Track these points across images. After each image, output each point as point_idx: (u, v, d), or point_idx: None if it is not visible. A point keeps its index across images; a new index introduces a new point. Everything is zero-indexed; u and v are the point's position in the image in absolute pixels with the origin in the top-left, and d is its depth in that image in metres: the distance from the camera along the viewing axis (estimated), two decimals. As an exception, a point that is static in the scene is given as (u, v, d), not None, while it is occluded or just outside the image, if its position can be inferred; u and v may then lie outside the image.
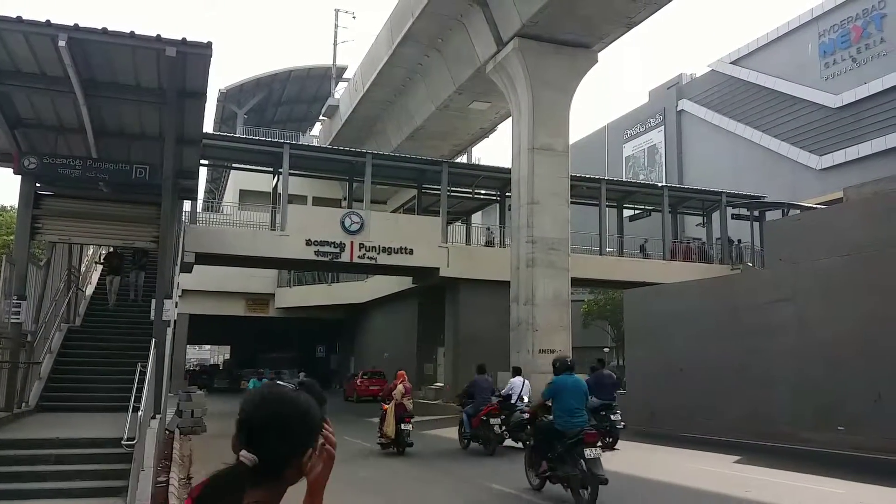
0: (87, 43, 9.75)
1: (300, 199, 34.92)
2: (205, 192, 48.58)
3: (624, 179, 43.64)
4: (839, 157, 36.84)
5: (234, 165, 31.27)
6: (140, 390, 9.38)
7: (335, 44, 42.99)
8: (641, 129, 53.73)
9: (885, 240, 12.68)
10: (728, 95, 45.55)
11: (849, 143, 36.47)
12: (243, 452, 1.37)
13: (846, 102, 36.74)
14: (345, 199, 34.22)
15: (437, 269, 26.20)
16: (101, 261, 17.59)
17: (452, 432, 15.40)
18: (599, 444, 8.65)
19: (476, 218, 37.27)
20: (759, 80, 42.66)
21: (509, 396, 14.07)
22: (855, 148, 35.99)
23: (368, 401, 28.00)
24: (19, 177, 11.85)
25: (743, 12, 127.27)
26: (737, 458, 12.61)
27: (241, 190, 40.23)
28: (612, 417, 13.89)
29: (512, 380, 14.64)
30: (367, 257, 25.13)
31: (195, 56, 10.18)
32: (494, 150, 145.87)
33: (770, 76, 41.91)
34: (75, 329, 14.55)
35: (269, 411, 1.42)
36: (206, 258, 24.46)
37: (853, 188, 19.98)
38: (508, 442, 13.81)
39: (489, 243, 30.16)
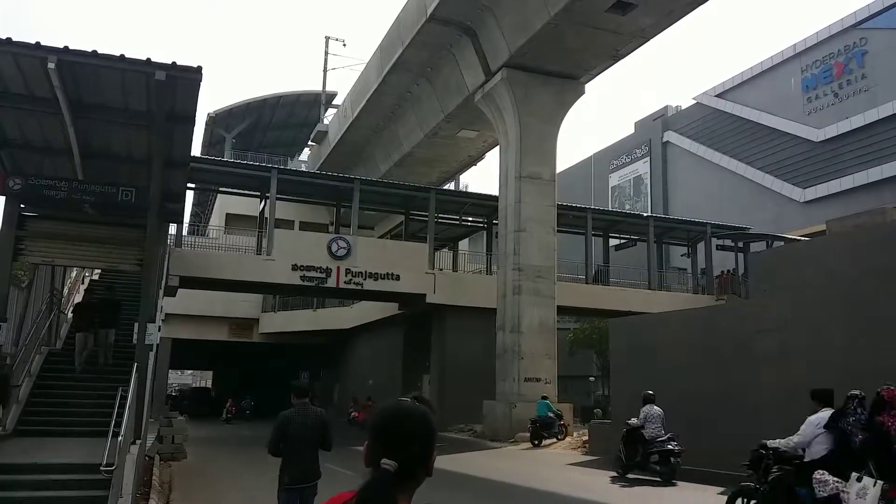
0: (77, 65, 9.76)
1: (287, 224, 34.83)
2: (191, 215, 48.42)
3: (610, 209, 43.92)
4: (822, 189, 37.31)
5: (221, 189, 31.23)
6: (120, 415, 9.25)
7: (325, 70, 43.35)
8: (627, 160, 54.23)
9: (867, 272, 12.80)
10: (713, 127, 46.13)
11: (831, 177, 36.96)
12: (384, 460, 1.58)
13: (828, 136, 37.30)
14: (332, 224, 34.19)
15: (424, 295, 26.14)
16: (72, 312, 15.13)
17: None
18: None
19: (463, 245, 37.32)
20: (744, 112, 43.27)
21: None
22: (837, 181, 36.48)
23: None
24: (3, 197, 11.77)
25: (728, 47, 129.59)
26: (720, 489, 12.54)
27: (227, 214, 40.09)
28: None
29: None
30: (354, 283, 25.05)
31: (185, 80, 10.20)
32: (482, 178, 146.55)
33: (754, 109, 42.53)
34: (56, 352, 14.34)
35: (405, 423, 1.66)
36: (190, 282, 24.29)
37: (836, 221, 20.20)
38: None
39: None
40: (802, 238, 28.91)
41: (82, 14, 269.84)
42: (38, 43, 9.40)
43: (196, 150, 36.32)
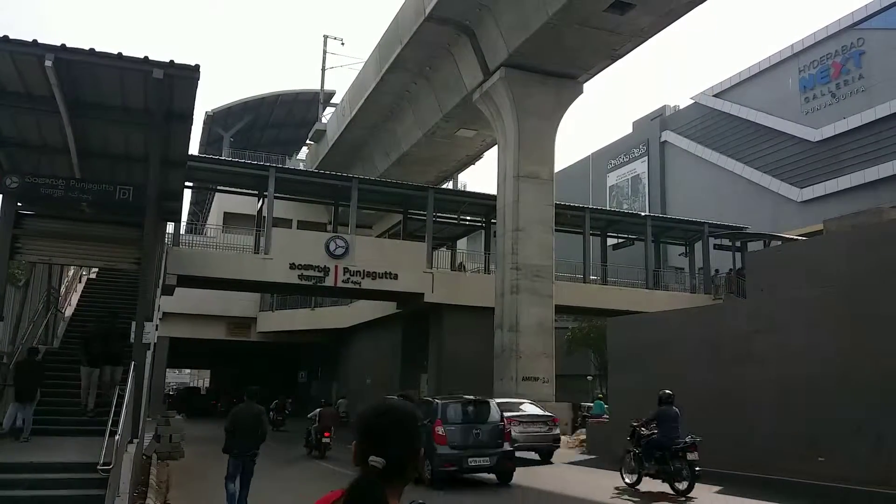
0: (74, 63, 9.73)
1: (285, 223, 34.78)
2: (188, 214, 48.36)
3: (608, 208, 43.93)
4: (819, 189, 37.36)
5: (218, 188, 31.18)
6: (118, 414, 9.24)
7: (323, 69, 43.22)
8: (625, 159, 54.26)
9: (864, 271, 12.81)
10: (711, 127, 46.16)
11: (829, 177, 37.01)
12: (373, 457, 1.59)
13: (826, 136, 37.34)
14: (330, 223, 34.15)
15: (422, 294, 26.11)
16: (79, 340, 13.26)
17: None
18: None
19: (461, 244, 37.27)
20: (741, 112, 43.31)
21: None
22: (835, 181, 36.53)
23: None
24: (0, 196, 11.75)
25: (726, 47, 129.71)
26: (719, 488, 12.58)
27: (225, 212, 40.02)
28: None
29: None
30: (352, 282, 25.02)
31: (182, 79, 10.18)
32: (481, 177, 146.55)
33: (752, 109, 42.57)
34: (53, 351, 14.33)
35: (391, 420, 1.67)
36: (188, 281, 24.26)
37: (833, 220, 20.23)
38: None
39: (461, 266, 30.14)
40: (800, 238, 28.93)
41: (81, 13, 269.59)
42: (35, 41, 9.37)
43: (194, 148, 36.33)
